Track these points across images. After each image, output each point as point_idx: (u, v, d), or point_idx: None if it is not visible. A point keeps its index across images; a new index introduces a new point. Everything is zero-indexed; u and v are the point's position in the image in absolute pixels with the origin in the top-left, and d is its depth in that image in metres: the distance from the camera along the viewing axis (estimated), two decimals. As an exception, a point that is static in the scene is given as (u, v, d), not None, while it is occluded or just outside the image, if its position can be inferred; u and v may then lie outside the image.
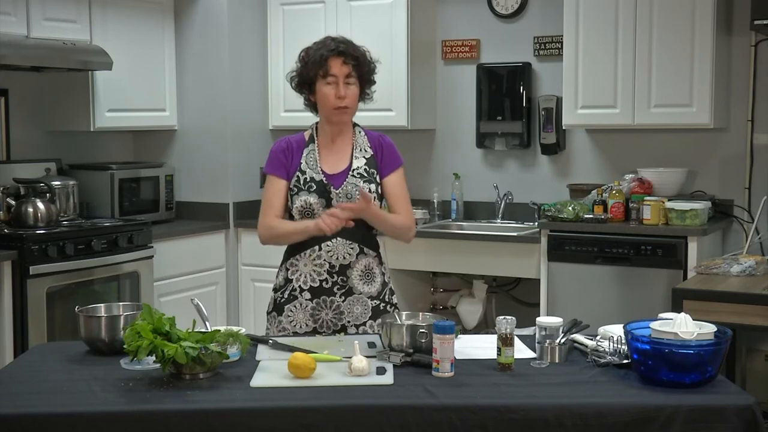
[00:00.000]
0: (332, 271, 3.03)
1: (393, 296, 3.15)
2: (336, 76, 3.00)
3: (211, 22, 5.58)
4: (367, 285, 3.05)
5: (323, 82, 3.02)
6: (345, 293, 3.04)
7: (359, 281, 3.04)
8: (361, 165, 3.06)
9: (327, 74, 3.00)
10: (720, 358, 2.39)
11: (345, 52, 3.02)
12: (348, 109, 3.04)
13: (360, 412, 2.26)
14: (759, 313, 3.64)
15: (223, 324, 4.85)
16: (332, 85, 3.01)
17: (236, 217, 5.61)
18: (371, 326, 3.04)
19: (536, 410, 2.25)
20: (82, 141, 5.45)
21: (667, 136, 5.13)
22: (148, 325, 2.44)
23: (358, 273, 3.04)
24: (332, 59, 3.00)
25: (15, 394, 2.36)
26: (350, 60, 3.02)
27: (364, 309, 3.05)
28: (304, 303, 3.05)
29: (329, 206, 2.99)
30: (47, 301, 4.45)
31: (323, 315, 3.04)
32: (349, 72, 3.01)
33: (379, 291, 3.08)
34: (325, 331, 3.03)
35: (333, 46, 3.02)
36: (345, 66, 3.01)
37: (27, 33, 4.68)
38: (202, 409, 2.25)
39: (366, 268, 3.05)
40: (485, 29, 5.56)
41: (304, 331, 3.04)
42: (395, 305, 3.14)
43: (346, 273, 3.03)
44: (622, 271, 4.68)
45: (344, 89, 3.01)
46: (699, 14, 4.68)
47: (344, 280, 3.03)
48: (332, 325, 3.04)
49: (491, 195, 5.50)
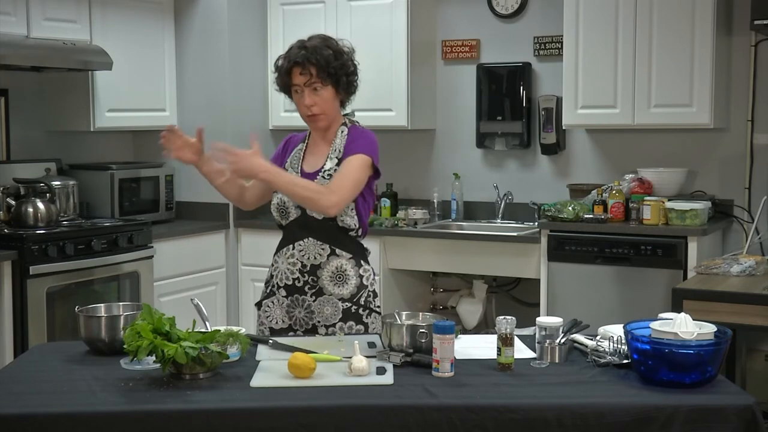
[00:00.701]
0: (304, 270, 3.04)
1: (375, 299, 3.10)
2: (299, 86, 3.00)
3: (211, 22, 5.58)
4: (338, 287, 3.03)
5: (293, 92, 3.04)
6: (315, 293, 3.04)
7: (329, 282, 3.03)
8: (332, 166, 3.03)
9: (291, 84, 3.01)
10: (720, 358, 2.39)
11: (301, 62, 2.97)
12: (320, 116, 3.02)
13: (360, 412, 2.25)
14: (759, 313, 3.64)
15: (223, 324, 4.85)
16: (300, 95, 3.01)
17: (236, 217, 5.61)
18: (341, 328, 3.02)
19: (536, 410, 2.25)
20: (82, 141, 5.45)
21: (667, 136, 5.13)
22: (148, 325, 2.44)
23: (329, 274, 3.03)
24: (293, 70, 3.00)
25: (15, 394, 2.35)
26: (307, 70, 2.97)
27: (334, 310, 3.03)
28: (280, 299, 3.08)
29: (299, 204, 2.99)
30: (47, 301, 4.45)
31: (296, 313, 3.06)
32: (309, 80, 2.98)
33: (353, 293, 3.04)
34: (298, 329, 3.05)
35: (293, 55, 3.00)
36: (303, 76, 2.98)
37: (27, 33, 4.68)
38: (202, 409, 2.25)
39: (338, 270, 3.03)
40: (485, 29, 5.56)
41: (280, 327, 3.07)
42: (374, 310, 3.09)
43: (317, 273, 3.03)
44: (622, 271, 4.68)
45: (310, 97, 2.99)
46: (699, 14, 4.68)
47: (315, 280, 3.03)
48: (304, 323, 3.05)
49: (491, 195, 5.50)
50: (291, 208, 3.03)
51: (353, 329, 3.02)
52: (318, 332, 3.03)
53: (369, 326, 3.05)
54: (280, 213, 3.07)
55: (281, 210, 3.06)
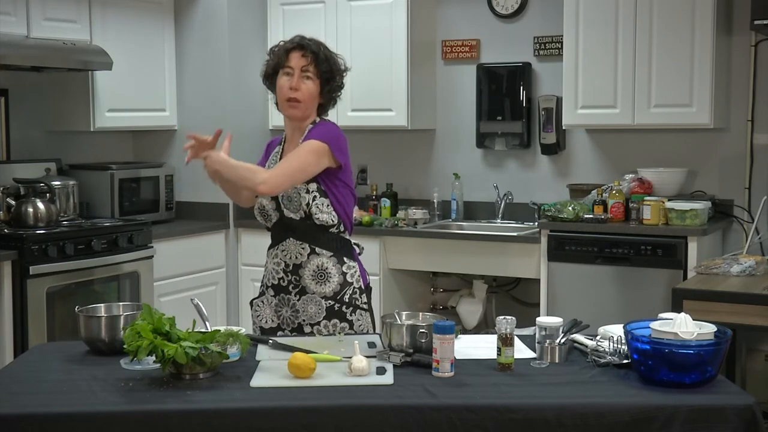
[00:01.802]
0: (287, 270, 3.07)
1: (360, 296, 3.08)
2: (292, 68, 3.02)
3: (211, 22, 5.58)
4: (320, 285, 3.04)
5: (281, 74, 3.04)
6: (299, 292, 3.06)
7: (311, 281, 3.04)
8: None
9: (285, 65, 3.03)
10: (720, 358, 2.39)
11: (305, 46, 3.03)
12: (299, 104, 3.02)
13: (360, 412, 2.25)
14: (759, 313, 3.64)
15: (223, 324, 4.85)
16: (288, 77, 3.03)
17: (236, 217, 5.61)
18: (326, 326, 3.03)
19: (536, 410, 2.25)
20: (82, 141, 5.45)
21: (667, 136, 5.13)
22: (148, 325, 2.44)
23: (310, 273, 3.04)
24: (292, 52, 3.03)
25: (15, 394, 2.35)
26: (309, 54, 3.01)
27: (318, 309, 3.04)
28: (269, 299, 3.12)
29: (279, 208, 3.03)
30: (47, 301, 4.45)
31: (283, 312, 3.09)
32: (306, 65, 3.01)
33: (336, 291, 3.04)
34: (286, 328, 3.07)
35: (297, 40, 3.06)
36: (303, 59, 3.01)
37: (27, 33, 4.69)
38: (202, 409, 2.25)
39: (319, 269, 3.04)
40: (485, 29, 5.56)
41: (269, 326, 3.10)
42: (360, 307, 3.07)
43: (299, 272, 3.05)
44: (622, 271, 4.68)
45: (299, 82, 3.01)
46: (699, 14, 4.68)
47: (297, 279, 3.05)
48: (290, 322, 3.07)
49: (491, 195, 5.50)
50: (270, 211, 3.07)
51: (338, 327, 3.01)
52: (304, 331, 3.04)
53: (354, 323, 3.05)
54: (262, 216, 3.11)
55: (263, 213, 3.10)
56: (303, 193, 2.98)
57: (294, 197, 2.99)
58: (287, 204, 3.01)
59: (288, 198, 3.01)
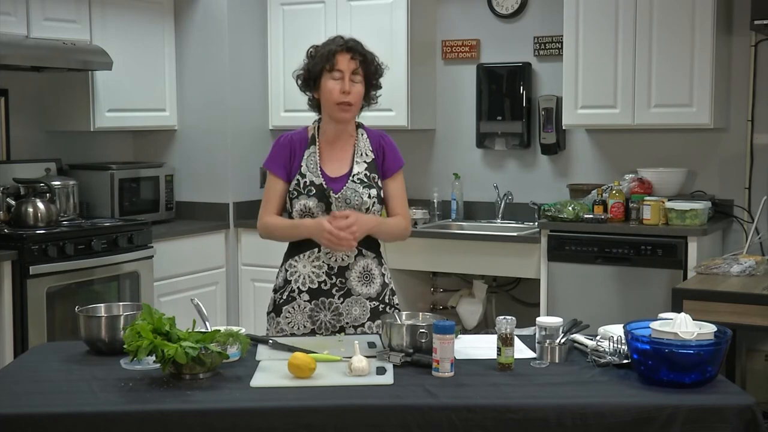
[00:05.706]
0: (331, 272, 3.03)
1: (394, 297, 3.14)
2: (342, 72, 3.00)
3: (211, 22, 5.58)
4: (365, 286, 3.04)
5: (329, 77, 3.01)
6: (343, 295, 3.03)
7: (358, 282, 3.03)
8: (362, 170, 3.04)
9: (333, 69, 3.00)
10: (720, 358, 2.39)
11: (353, 48, 3.03)
12: (351, 107, 3.03)
13: (360, 412, 2.25)
14: (759, 313, 3.64)
15: (223, 324, 4.86)
16: (338, 81, 3.00)
17: (236, 217, 5.61)
18: (370, 327, 3.04)
19: (536, 410, 2.25)
20: (82, 141, 5.45)
21: (667, 136, 5.13)
22: (148, 325, 2.44)
23: (357, 274, 3.03)
24: (340, 54, 3.00)
25: (15, 394, 2.35)
26: (358, 56, 3.02)
27: (362, 310, 3.04)
28: (302, 304, 3.04)
29: (328, 210, 2.99)
30: (47, 301, 4.45)
31: (321, 316, 3.04)
32: (356, 68, 3.01)
33: (379, 292, 3.06)
34: (323, 333, 3.03)
35: (342, 42, 3.03)
36: (352, 62, 3.01)
37: (27, 33, 4.68)
38: (202, 409, 2.25)
39: (365, 270, 3.05)
40: (485, 29, 5.56)
41: (302, 333, 3.04)
42: (396, 306, 3.12)
43: (345, 274, 3.03)
44: (622, 271, 4.68)
45: (350, 85, 3.00)
46: (699, 14, 4.68)
47: (343, 281, 3.03)
48: (330, 326, 3.03)
49: (491, 195, 5.50)
50: (318, 214, 2.99)
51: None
52: (346, 334, 3.00)
53: None
54: (304, 218, 3.02)
55: (306, 215, 3.01)
56: (365, 198, 3.00)
57: (355, 201, 2.99)
58: (342, 207, 2.98)
59: (346, 200, 2.99)
